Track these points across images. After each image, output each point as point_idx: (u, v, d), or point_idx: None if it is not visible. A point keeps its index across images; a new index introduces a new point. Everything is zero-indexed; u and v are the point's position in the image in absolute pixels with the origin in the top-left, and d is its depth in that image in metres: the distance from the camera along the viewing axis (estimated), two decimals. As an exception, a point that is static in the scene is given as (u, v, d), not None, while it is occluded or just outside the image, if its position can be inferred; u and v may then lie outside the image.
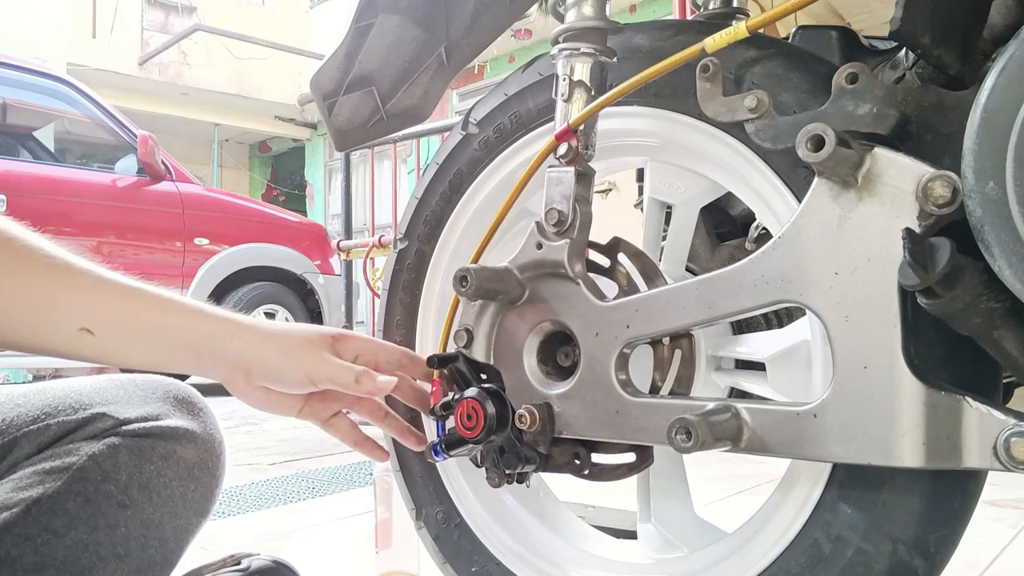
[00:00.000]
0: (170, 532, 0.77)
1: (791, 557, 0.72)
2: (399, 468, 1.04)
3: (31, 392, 0.81)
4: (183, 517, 0.78)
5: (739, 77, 0.74)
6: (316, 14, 10.55)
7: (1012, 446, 0.55)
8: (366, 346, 0.80)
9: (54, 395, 0.79)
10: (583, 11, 0.79)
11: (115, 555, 0.71)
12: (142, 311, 0.71)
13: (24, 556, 0.67)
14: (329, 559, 1.50)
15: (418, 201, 1.02)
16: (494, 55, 8.13)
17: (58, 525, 0.69)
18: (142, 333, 0.71)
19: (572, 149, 0.78)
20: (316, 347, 0.74)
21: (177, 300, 0.73)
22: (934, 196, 0.58)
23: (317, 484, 2.19)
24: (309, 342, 0.74)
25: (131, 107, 8.10)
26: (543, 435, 0.78)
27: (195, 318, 0.72)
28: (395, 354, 0.82)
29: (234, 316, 0.74)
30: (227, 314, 0.74)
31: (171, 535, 0.77)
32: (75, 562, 0.69)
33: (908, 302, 0.60)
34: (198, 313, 0.73)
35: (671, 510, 0.93)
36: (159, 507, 0.75)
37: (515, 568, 0.94)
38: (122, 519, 0.72)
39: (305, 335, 0.75)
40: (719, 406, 0.68)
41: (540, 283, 0.80)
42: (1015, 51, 0.53)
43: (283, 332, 0.75)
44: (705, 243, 1.03)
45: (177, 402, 0.80)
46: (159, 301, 0.72)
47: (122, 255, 4.54)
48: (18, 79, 4.50)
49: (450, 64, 0.99)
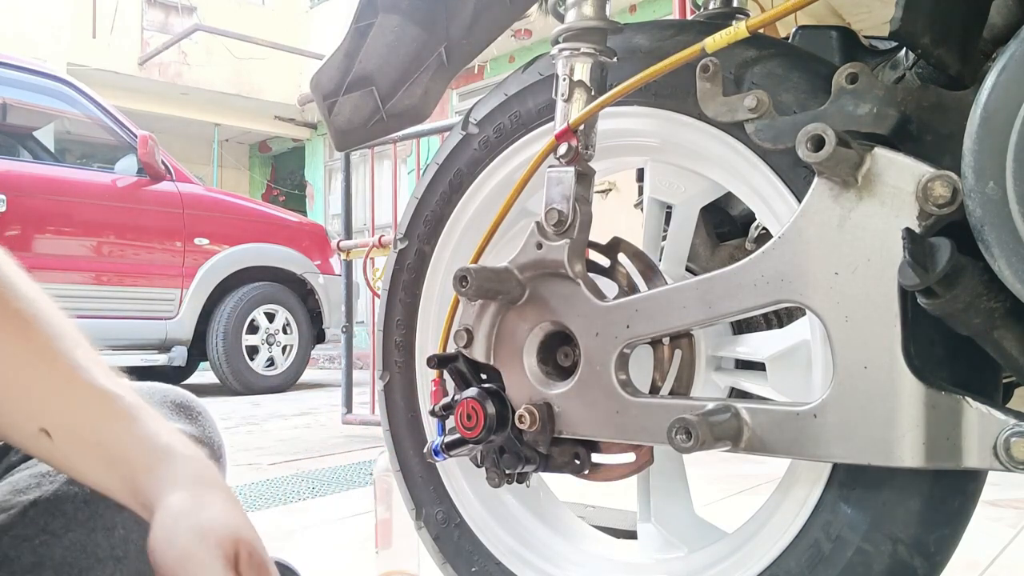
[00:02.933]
0: None
1: (791, 557, 0.72)
2: (399, 468, 1.04)
3: None
4: None
5: (739, 77, 0.74)
6: (316, 14, 10.55)
7: (1012, 446, 0.55)
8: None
9: None
10: (583, 11, 0.79)
11: (113, 557, 0.71)
12: (102, 429, 0.61)
13: (22, 557, 0.67)
14: (329, 559, 1.50)
15: (418, 201, 1.02)
16: (494, 55, 8.13)
17: (56, 526, 0.68)
18: (93, 452, 0.61)
19: (572, 149, 0.78)
20: (215, 543, 0.55)
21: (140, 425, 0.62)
22: (934, 196, 0.58)
23: (317, 484, 2.19)
24: (214, 534, 0.56)
25: (131, 107, 8.08)
26: (543, 435, 0.78)
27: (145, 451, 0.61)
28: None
29: (186, 462, 0.61)
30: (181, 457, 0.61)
31: None
32: (73, 563, 0.68)
33: (908, 302, 0.60)
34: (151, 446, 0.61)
35: (671, 510, 0.93)
36: None
37: (515, 568, 0.94)
38: (120, 521, 0.72)
39: (221, 524, 0.57)
40: (719, 406, 0.68)
41: (540, 283, 0.80)
42: (1015, 51, 0.53)
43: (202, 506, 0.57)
44: (705, 243, 1.03)
45: (175, 407, 0.79)
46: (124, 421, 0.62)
47: (122, 255, 4.54)
48: (18, 79, 4.50)
49: (450, 64, 0.99)
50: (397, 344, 1.03)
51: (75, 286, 4.27)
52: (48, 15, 8.60)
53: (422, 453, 0.96)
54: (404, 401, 1.03)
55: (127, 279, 4.52)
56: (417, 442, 1.01)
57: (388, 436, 1.05)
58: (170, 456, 0.61)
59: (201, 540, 0.55)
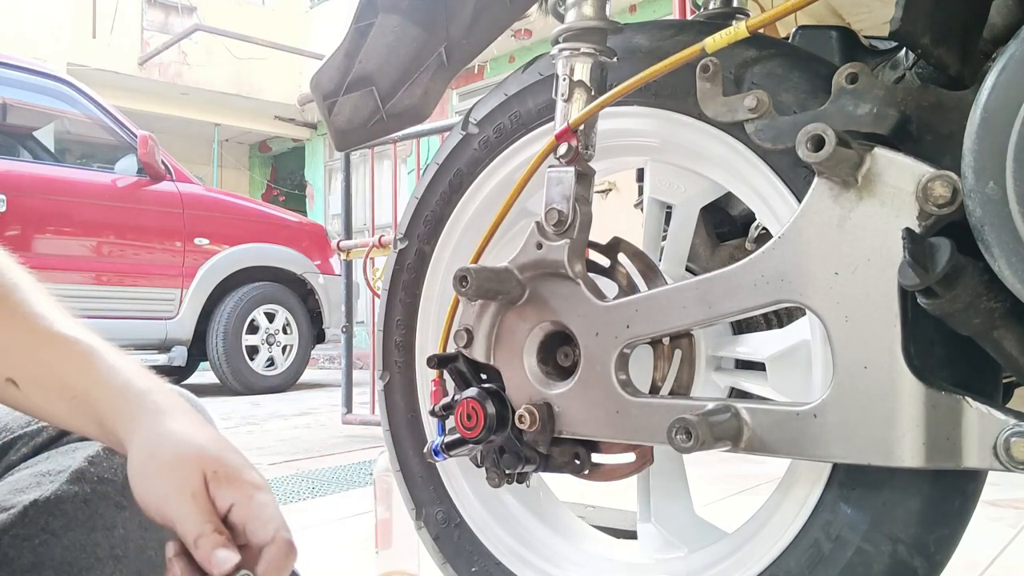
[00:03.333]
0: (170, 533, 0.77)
1: (791, 557, 0.72)
2: (399, 468, 1.04)
3: None
4: None
5: (739, 77, 0.74)
6: (316, 14, 10.55)
7: (1012, 446, 0.55)
8: (245, 503, 0.58)
9: None
10: (583, 11, 0.79)
11: (113, 556, 0.71)
12: (65, 372, 0.63)
13: (21, 557, 0.67)
14: (329, 559, 1.50)
15: (418, 201, 1.02)
16: (494, 55, 8.13)
17: (56, 526, 0.69)
18: (59, 395, 0.63)
19: (572, 149, 0.78)
20: (180, 476, 0.57)
21: (100, 364, 0.63)
22: (934, 196, 0.58)
23: (317, 484, 2.19)
24: (177, 466, 0.58)
25: (131, 107, 8.08)
26: (543, 435, 0.78)
27: (105, 390, 0.63)
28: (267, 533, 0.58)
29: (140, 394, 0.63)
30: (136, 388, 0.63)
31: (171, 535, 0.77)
32: (73, 563, 0.69)
33: (908, 302, 0.60)
34: (107, 384, 0.63)
35: (671, 510, 0.93)
36: None
37: (515, 568, 0.94)
38: (120, 520, 0.72)
39: (179, 456, 0.58)
40: (719, 406, 0.68)
41: (540, 283, 0.80)
42: (1015, 51, 0.53)
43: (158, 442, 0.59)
44: (705, 243, 1.03)
45: None
46: (84, 363, 0.63)
47: (122, 255, 4.54)
48: (18, 79, 4.50)
49: (450, 64, 0.99)
50: (397, 344, 1.03)
51: (75, 286, 4.27)
52: (48, 15, 8.60)
53: (422, 453, 0.96)
54: (404, 401, 1.03)
55: (127, 279, 4.52)
56: (417, 442, 1.01)
57: (388, 436, 1.05)
58: (131, 392, 0.63)
59: (170, 480, 0.57)
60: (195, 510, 0.57)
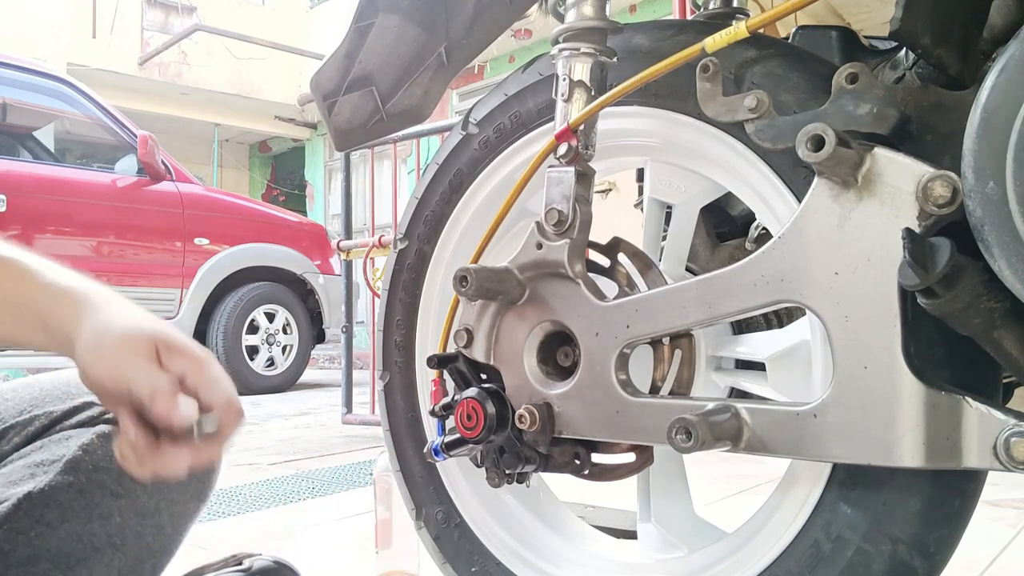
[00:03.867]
0: (167, 519, 0.77)
1: (791, 557, 0.72)
2: (399, 468, 1.04)
3: (19, 387, 0.81)
4: (179, 503, 0.78)
5: (739, 77, 0.74)
6: (316, 14, 10.55)
7: (1012, 446, 0.55)
8: (197, 370, 0.63)
9: (41, 387, 0.80)
10: (583, 11, 0.79)
11: (111, 545, 0.71)
12: (4, 285, 0.67)
13: (17, 549, 0.67)
14: (329, 559, 1.50)
15: (418, 201, 1.02)
16: (494, 55, 8.13)
17: (51, 517, 0.69)
18: (7, 312, 0.67)
19: (572, 149, 0.78)
20: (131, 347, 0.61)
21: (35, 271, 0.68)
22: (934, 196, 0.58)
23: (317, 484, 2.19)
24: (126, 340, 0.62)
25: (131, 107, 8.09)
26: (543, 435, 0.78)
27: (46, 292, 0.67)
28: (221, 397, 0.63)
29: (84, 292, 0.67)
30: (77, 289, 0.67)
31: (168, 522, 0.77)
32: (69, 553, 0.69)
33: (908, 302, 0.60)
34: (48, 287, 0.67)
35: (671, 510, 0.93)
36: (154, 495, 0.75)
37: (515, 568, 0.94)
38: (116, 508, 0.72)
39: (128, 332, 0.62)
40: (719, 406, 0.68)
41: (540, 283, 0.80)
42: (1015, 51, 0.53)
43: (107, 323, 0.63)
44: (705, 243, 1.03)
45: None
46: (18, 271, 0.68)
47: (122, 255, 4.54)
48: (18, 79, 4.50)
49: (450, 64, 0.99)
50: (397, 344, 1.03)
51: (75, 286, 4.26)
52: (48, 15, 8.60)
53: (422, 453, 0.96)
54: (404, 401, 1.03)
55: (127, 279, 4.51)
56: (417, 442, 1.01)
57: (388, 436, 1.05)
58: (74, 291, 0.67)
59: (121, 350, 0.61)
60: (150, 368, 0.60)
